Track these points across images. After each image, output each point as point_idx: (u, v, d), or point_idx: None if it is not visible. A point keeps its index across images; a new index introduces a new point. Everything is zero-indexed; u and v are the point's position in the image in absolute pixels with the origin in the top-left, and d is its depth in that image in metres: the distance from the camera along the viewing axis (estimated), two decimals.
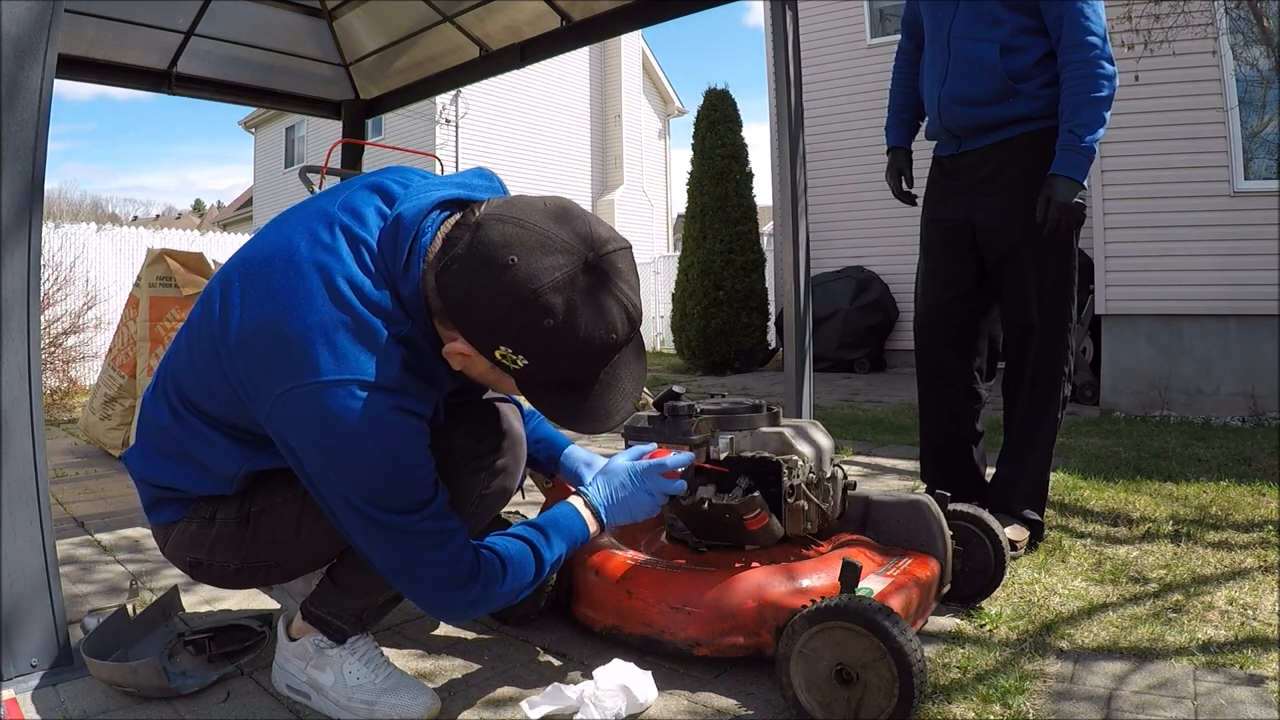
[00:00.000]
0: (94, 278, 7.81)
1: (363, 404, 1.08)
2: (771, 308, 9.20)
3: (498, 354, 1.10)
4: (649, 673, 1.40)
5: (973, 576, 1.80)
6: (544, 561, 1.27)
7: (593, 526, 1.37)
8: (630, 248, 1.15)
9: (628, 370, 1.19)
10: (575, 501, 1.38)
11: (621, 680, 1.35)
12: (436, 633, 1.75)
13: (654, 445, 1.53)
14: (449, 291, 1.10)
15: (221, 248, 8.84)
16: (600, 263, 1.09)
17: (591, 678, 1.35)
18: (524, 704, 1.32)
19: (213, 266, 4.04)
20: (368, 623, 1.43)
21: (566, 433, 1.53)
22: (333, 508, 1.14)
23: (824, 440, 1.73)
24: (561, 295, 1.06)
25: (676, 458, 1.47)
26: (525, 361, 1.09)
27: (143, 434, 1.35)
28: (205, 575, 1.38)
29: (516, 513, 1.79)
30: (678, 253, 9.86)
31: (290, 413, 1.10)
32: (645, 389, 2.01)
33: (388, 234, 1.15)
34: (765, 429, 1.66)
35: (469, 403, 1.38)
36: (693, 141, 9.10)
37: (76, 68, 3.72)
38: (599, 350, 1.11)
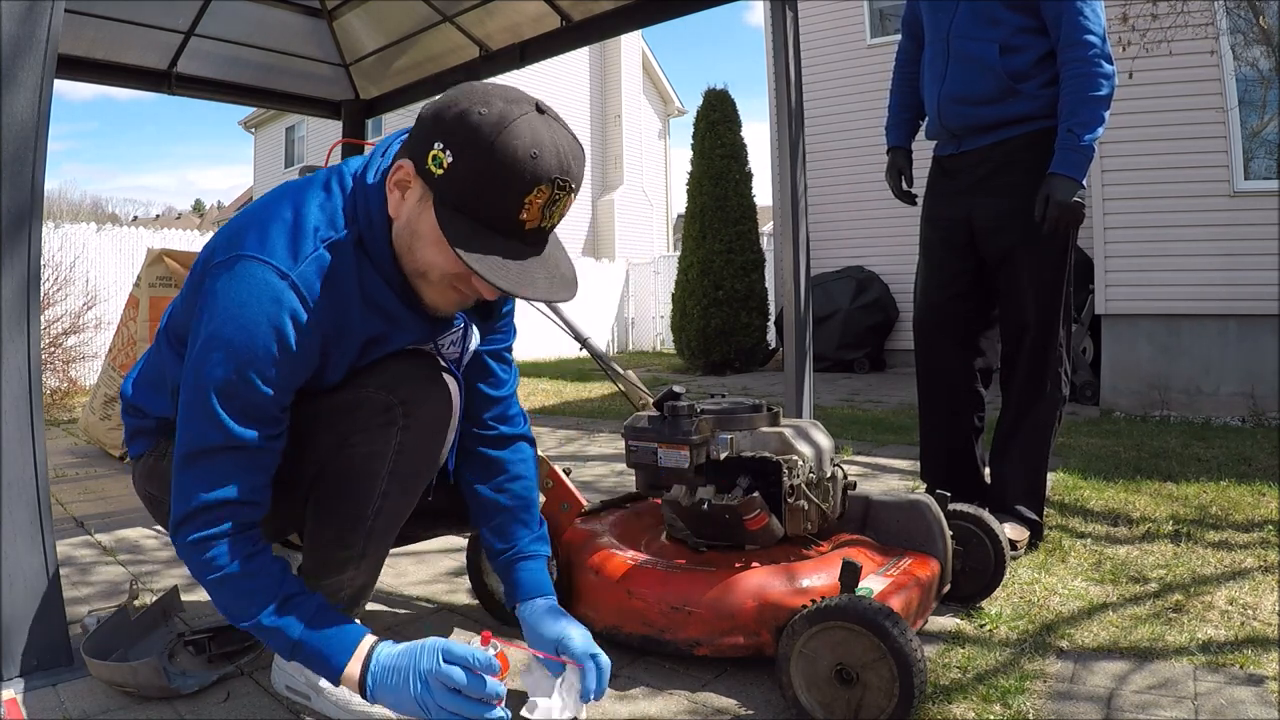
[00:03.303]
0: (94, 278, 7.81)
1: (259, 282, 1.15)
2: (771, 308, 9.21)
3: (430, 155, 1.12)
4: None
5: (973, 576, 1.80)
6: (258, 622, 1.17)
7: (349, 679, 1.17)
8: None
9: (551, 266, 1.18)
10: (365, 645, 1.19)
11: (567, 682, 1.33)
12: (436, 634, 1.75)
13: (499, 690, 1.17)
14: (412, 129, 1.18)
15: None
16: (549, 111, 1.15)
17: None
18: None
19: None
20: (350, 608, 1.42)
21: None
22: (184, 384, 1.19)
23: (824, 440, 1.73)
24: (504, 103, 1.11)
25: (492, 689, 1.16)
26: (450, 159, 1.11)
27: (139, 366, 1.45)
28: (159, 513, 1.42)
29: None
30: (678, 253, 9.86)
31: (208, 285, 1.18)
32: (645, 390, 2.01)
33: (358, 169, 1.27)
34: (765, 429, 1.66)
35: (395, 358, 1.31)
36: (692, 141, 9.11)
37: (76, 68, 3.72)
38: (519, 163, 1.08)
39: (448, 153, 1.11)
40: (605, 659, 1.33)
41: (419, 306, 1.28)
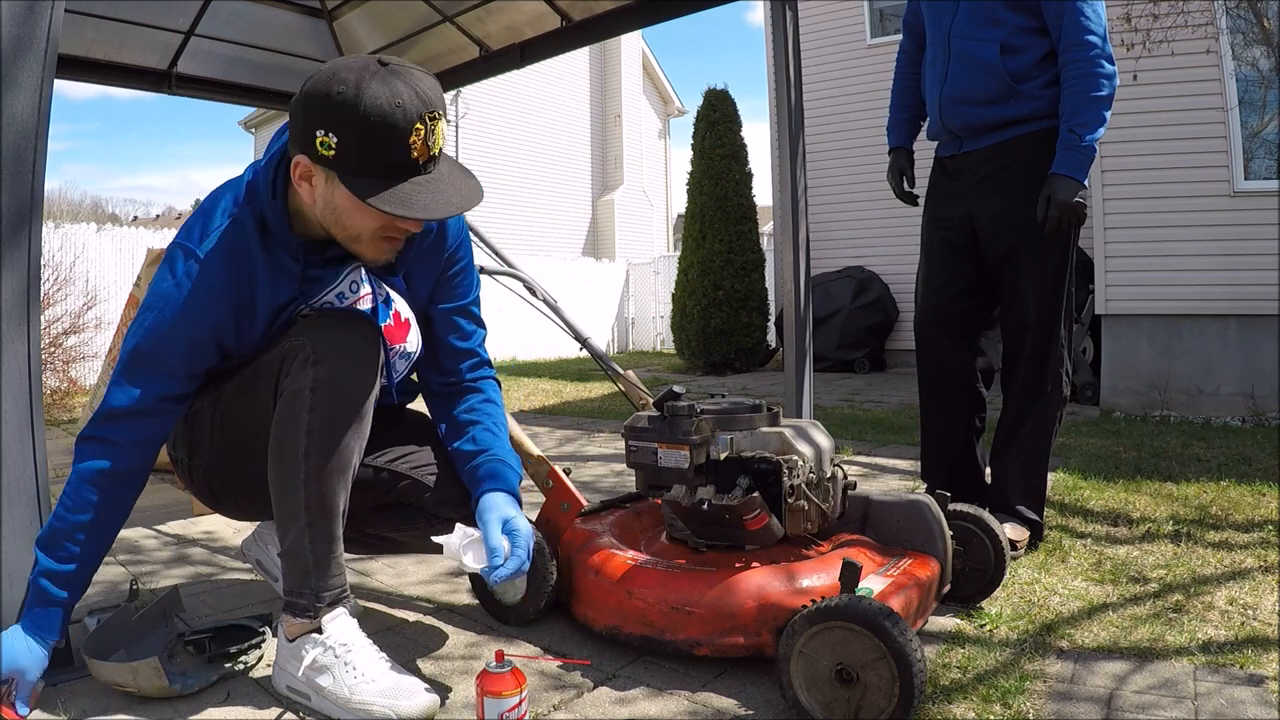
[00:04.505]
0: (94, 278, 7.81)
1: (168, 264, 1.39)
2: (771, 308, 9.21)
3: (318, 143, 1.27)
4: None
5: (973, 576, 1.80)
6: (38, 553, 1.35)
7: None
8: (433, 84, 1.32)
9: (451, 185, 1.33)
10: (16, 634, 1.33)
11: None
12: (436, 634, 1.75)
13: None
14: (290, 126, 1.35)
15: None
16: (391, 64, 1.29)
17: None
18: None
19: None
20: (320, 591, 1.41)
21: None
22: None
23: (824, 440, 1.73)
24: (353, 74, 1.26)
25: None
26: (335, 139, 1.26)
27: None
28: (178, 471, 1.60)
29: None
30: (678, 253, 9.87)
31: None
32: (645, 390, 2.01)
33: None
34: (765, 429, 1.66)
35: (305, 317, 1.46)
36: (692, 141, 9.10)
37: (76, 68, 3.72)
38: (388, 114, 1.24)
39: (330, 135, 1.27)
40: (523, 559, 1.40)
41: (315, 265, 1.45)
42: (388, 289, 1.54)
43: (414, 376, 1.69)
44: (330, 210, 1.36)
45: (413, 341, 1.57)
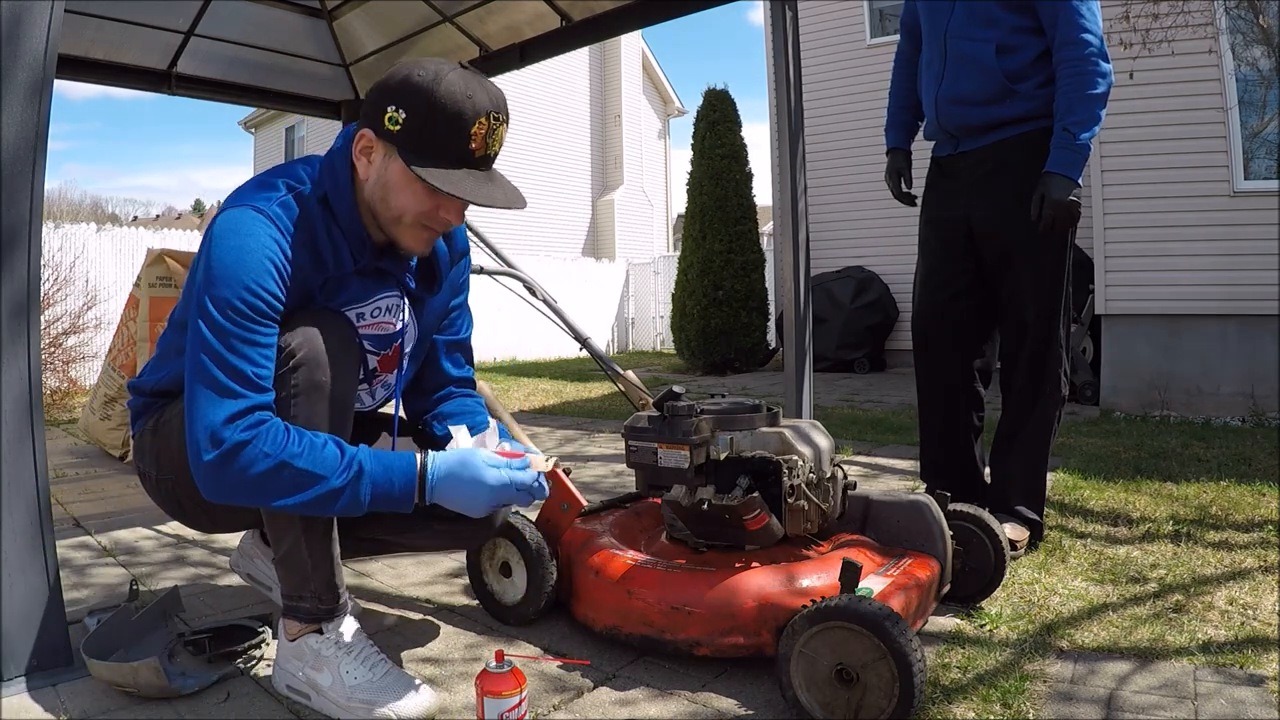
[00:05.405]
0: (94, 278, 7.80)
1: (242, 214, 1.32)
2: (771, 308, 9.20)
3: (386, 118, 1.32)
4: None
5: (973, 576, 1.80)
6: (330, 484, 1.24)
7: (414, 493, 1.31)
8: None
9: (500, 184, 1.39)
10: (417, 459, 1.32)
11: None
12: (436, 635, 1.75)
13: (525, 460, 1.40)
14: (362, 109, 1.39)
15: None
16: (471, 68, 1.35)
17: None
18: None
19: None
20: (321, 594, 1.41)
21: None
22: (190, 321, 1.29)
23: (824, 440, 1.73)
24: (434, 65, 1.33)
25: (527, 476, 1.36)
26: (404, 115, 1.31)
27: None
28: (145, 484, 1.53)
29: (518, 513, 1.78)
30: (678, 253, 9.87)
31: (202, 243, 1.35)
32: (645, 390, 2.02)
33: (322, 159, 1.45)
34: (765, 429, 1.66)
35: (298, 312, 1.40)
36: (692, 141, 9.10)
37: (76, 68, 3.72)
38: (460, 101, 1.30)
39: (400, 111, 1.32)
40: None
41: (367, 267, 1.44)
42: (410, 317, 1.55)
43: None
44: (380, 186, 1.38)
45: (398, 375, 1.60)
